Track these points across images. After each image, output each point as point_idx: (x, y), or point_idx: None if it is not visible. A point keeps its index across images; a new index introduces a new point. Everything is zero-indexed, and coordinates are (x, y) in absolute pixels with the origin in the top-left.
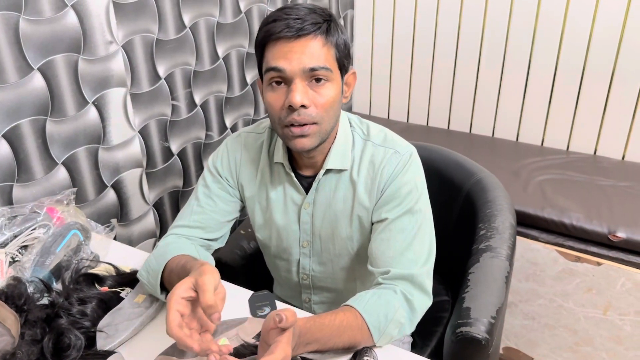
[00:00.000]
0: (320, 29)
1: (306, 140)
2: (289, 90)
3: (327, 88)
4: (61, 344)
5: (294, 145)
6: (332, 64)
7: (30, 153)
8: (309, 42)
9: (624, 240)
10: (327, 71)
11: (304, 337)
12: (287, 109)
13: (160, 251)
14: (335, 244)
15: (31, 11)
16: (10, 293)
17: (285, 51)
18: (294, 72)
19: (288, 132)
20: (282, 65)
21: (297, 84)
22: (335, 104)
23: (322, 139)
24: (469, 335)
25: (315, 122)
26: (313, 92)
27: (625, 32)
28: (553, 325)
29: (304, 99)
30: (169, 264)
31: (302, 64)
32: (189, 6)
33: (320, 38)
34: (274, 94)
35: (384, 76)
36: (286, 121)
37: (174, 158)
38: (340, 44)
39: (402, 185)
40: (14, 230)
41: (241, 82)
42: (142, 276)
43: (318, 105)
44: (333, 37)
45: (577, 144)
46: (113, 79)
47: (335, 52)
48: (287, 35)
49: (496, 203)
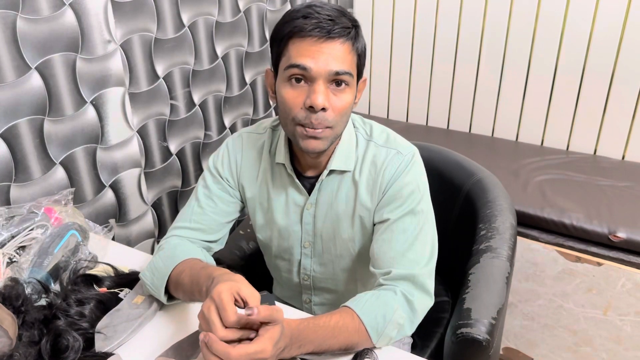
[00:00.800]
0: (350, 35)
1: (319, 142)
2: (310, 90)
3: (346, 93)
4: (59, 345)
5: (305, 145)
6: (354, 70)
7: (28, 153)
8: (338, 46)
9: (625, 241)
10: (349, 77)
11: (297, 338)
12: (306, 109)
13: (168, 253)
14: (336, 245)
15: (29, 10)
16: (7, 294)
17: (314, 50)
18: (319, 73)
19: (302, 130)
20: (308, 64)
21: (320, 85)
22: (349, 110)
23: (331, 142)
24: (469, 336)
25: (330, 127)
26: (333, 95)
27: (626, 32)
28: (553, 325)
29: (326, 102)
30: (179, 266)
31: (328, 66)
32: (188, 5)
33: (348, 44)
34: (293, 90)
35: (384, 75)
36: (303, 121)
37: (172, 158)
38: (362, 51)
39: (404, 185)
40: (11, 231)
41: (240, 82)
42: (146, 276)
43: (335, 109)
44: (358, 43)
45: (577, 144)
46: (111, 78)
47: (357, 59)
48: (317, 34)
49: (496, 203)
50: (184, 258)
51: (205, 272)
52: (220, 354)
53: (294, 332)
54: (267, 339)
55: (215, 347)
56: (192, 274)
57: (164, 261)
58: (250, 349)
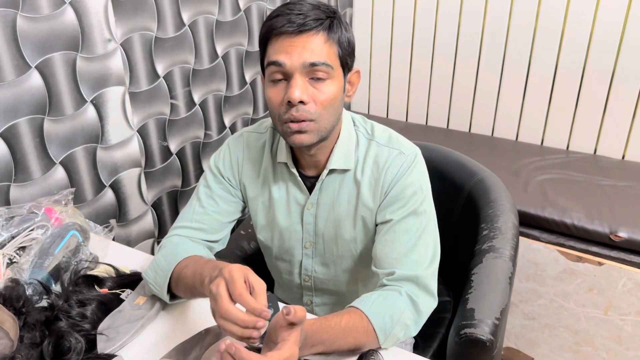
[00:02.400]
0: (323, 25)
1: (304, 136)
2: (288, 86)
3: (327, 85)
4: (61, 347)
5: (293, 141)
6: (334, 61)
7: (28, 152)
8: (311, 38)
9: (626, 240)
10: (327, 67)
11: (310, 338)
12: (287, 105)
13: (170, 251)
14: (338, 245)
15: (29, 8)
16: (8, 295)
17: (286, 45)
18: (294, 67)
19: (287, 128)
20: (282, 59)
21: (297, 79)
22: (335, 102)
23: (321, 136)
24: (473, 336)
25: (312, 119)
26: (313, 88)
27: (626, 31)
28: (553, 325)
29: (303, 95)
30: (181, 262)
31: (302, 58)
32: (188, 4)
33: (322, 34)
34: (274, 89)
35: (383, 75)
36: (285, 117)
37: (172, 157)
38: (344, 41)
39: (407, 186)
40: (11, 231)
41: (240, 81)
42: (148, 275)
43: (317, 101)
44: (336, 34)
45: (577, 143)
46: (111, 77)
47: (338, 49)
48: (288, 30)
49: (498, 203)
50: (186, 255)
51: (211, 265)
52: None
53: (308, 333)
54: (294, 342)
55: (243, 356)
56: (196, 267)
57: (166, 259)
58: (282, 356)
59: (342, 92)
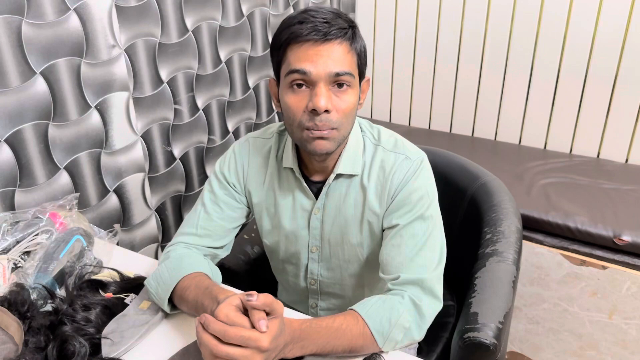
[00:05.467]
0: (347, 35)
1: (326, 142)
2: (312, 94)
3: (348, 94)
4: (65, 351)
5: (313, 147)
6: (354, 70)
7: (33, 158)
8: (336, 47)
9: (630, 244)
10: (350, 77)
11: (299, 337)
12: (310, 113)
13: (174, 264)
14: (344, 250)
15: (34, 15)
16: (13, 300)
17: (311, 54)
18: (319, 76)
19: (308, 134)
20: (307, 68)
21: (322, 87)
22: (354, 110)
23: (339, 143)
24: (477, 340)
25: (335, 128)
26: (335, 97)
27: (628, 35)
28: (558, 329)
29: (328, 104)
30: (184, 281)
31: (328, 68)
32: (192, 10)
33: (346, 44)
34: (295, 96)
35: (386, 79)
36: (307, 125)
37: (176, 162)
38: (362, 51)
39: (413, 191)
40: (16, 236)
41: (243, 86)
42: (151, 285)
43: (339, 110)
44: (357, 43)
45: (580, 147)
46: (115, 83)
47: (357, 58)
48: (314, 38)
49: (502, 207)
50: (190, 272)
51: (210, 294)
52: (218, 332)
53: (296, 332)
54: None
55: (213, 326)
56: (197, 293)
57: (169, 272)
58: (245, 333)
59: (358, 100)
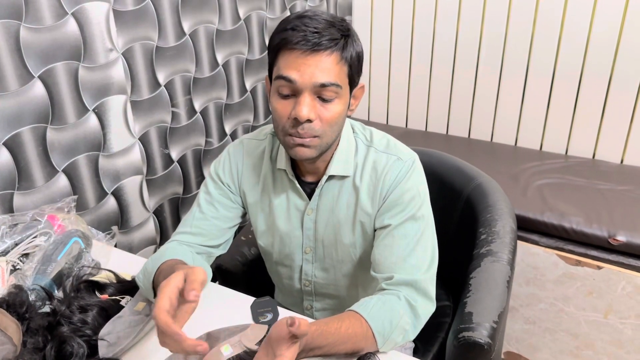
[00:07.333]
0: (337, 45)
1: (307, 150)
2: (296, 102)
3: (334, 104)
4: (63, 352)
5: (294, 153)
6: (343, 80)
7: (31, 161)
8: (324, 58)
9: (624, 244)
10: (337, 88)
11: (309, 345)
12: (293, 120)
13: (157, 255)
14: (338, 250)
15: (32, 19)
16: (11, 301)
17: (299, 63)
18: (304, 85)
19: (290, 140)
20: (293, 76)
21: (306, 97)
22: (340, 119)
23: (322, 150)
24: (471, 340)
25: (317, 136)
26: (320, 106)
27: (623, 35)
28: (554, 329)
29: (311, 114)
30: (161, 266)
31: (313, 78)
32: (189, 13)
33: (335, 55)
34: (282, 101)
35: (383, 81)
36: (290, 131)
37: (174, 165)
38: (355, 59)
39: (405, 191)
40: (14, 239)
41: (241, 89)
42: (139, 279)
43: (323, 119)
44: (348, 52)
45: (576, 148)
46: (113, 86)
47: (348, 68)
48: (302, 47)
49: (496, 207)
50: (168, 258)
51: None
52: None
53: (308, 340)
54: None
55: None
56: (167, 272)
57: (152, 262)
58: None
59: (347, 108)
